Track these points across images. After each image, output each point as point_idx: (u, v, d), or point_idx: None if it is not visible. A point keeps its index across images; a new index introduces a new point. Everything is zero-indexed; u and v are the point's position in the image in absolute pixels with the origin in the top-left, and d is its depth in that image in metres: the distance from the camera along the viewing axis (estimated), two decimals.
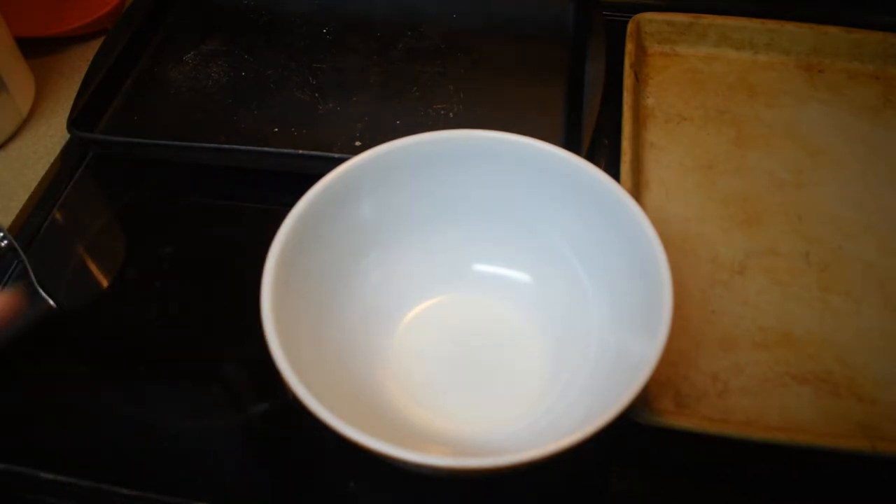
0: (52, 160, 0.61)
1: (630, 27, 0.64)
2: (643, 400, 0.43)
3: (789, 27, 0.64)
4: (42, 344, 0.50)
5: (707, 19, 0.65)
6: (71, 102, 0.60)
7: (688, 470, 0.44)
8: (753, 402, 0.46)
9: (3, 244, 0.49)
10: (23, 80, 0.64)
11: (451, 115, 0.62)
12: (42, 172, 0.60)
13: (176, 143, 0.57)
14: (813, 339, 0.48)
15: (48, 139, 0.63)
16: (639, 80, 0.63)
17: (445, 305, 0.46)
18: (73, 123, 0.58)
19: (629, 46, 0.63)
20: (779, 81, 0.64)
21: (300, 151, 0.55)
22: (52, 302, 0.45)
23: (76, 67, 0.68)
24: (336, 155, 0.52)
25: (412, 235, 0.48)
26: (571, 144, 0.57)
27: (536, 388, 0.44)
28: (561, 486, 0.43)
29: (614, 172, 0.52)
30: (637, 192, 0.54)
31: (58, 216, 0.57)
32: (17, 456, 0.44)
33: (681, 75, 0.65)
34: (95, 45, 0.66)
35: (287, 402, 0.46)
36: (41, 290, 0.46)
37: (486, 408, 0.43)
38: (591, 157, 0.57)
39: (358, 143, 0.59)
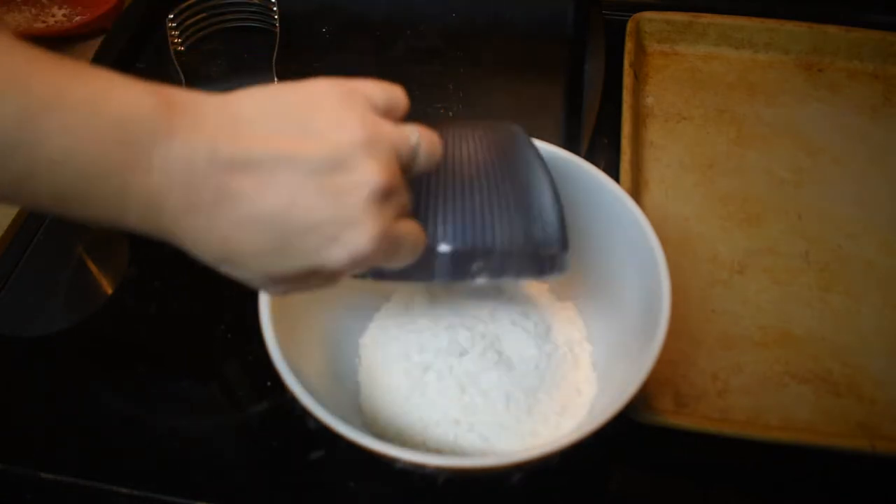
0: None
1: (629, 26, 0.64)
2: (643, 399, 0.43)
3: (789, 26, 0.64)
4: (43, 344, 0.50)
5: (706, 18, 0.65)
6: None
7: (687, 469, 0.44)
8: (753, 401, 0.46)
9: None
10: None
11: (450, 114, 0.62)
12: None
13: None
14: (812, 338, 0.48)
15: None
16: (638, 79, 0.63)
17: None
18: None
19: (629, 45, 0.63)
20: (778, 80, 0.64)
21: None
22: None
23: None
24: None
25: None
26: (571, 144, 0.57)
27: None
28: (561, 486, 0.43)
29: (614, 172, 0.52)
30: (637, 192, 0.54)
31: (57, 216, 0.57)
32: (17, 456, 0.44)
33: (680, 74, 0.65)
34: (95, 44, 0.66)
35: (287, 402, 0.46)
36: None
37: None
38: (591, 156, 0.57)
39: None
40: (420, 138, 0.33)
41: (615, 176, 0.50)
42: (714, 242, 0.53)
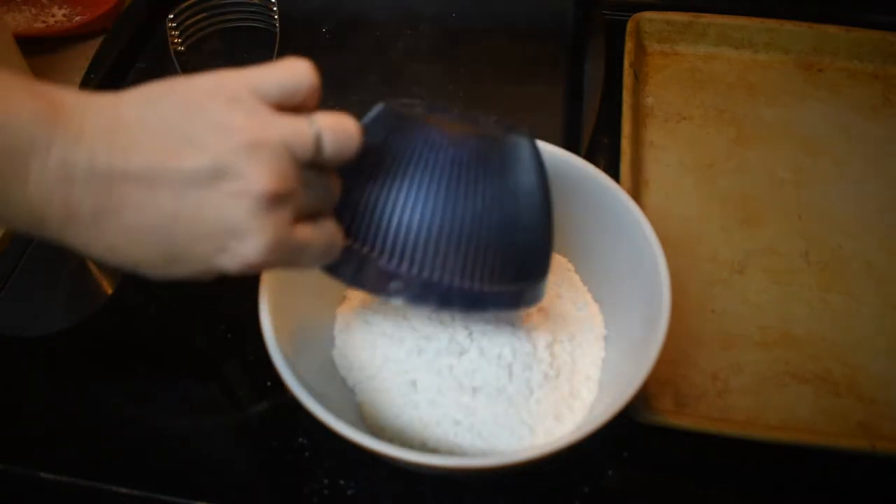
0: None
1: (630, 26, 0.64)
2: (643, 399, 0.43)
3: (789, 26, 0.64)
4: (43, 344, 0.50)
5: (706, 18, 0.65)
6: None
7: (688, 469, 0.44)
8: (753, 401, 0.46)
9: None
10: None
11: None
12: None
13: None
14: (813, 338, 0.48)
15: None
16: (638, 79, 0.63)
17: None
18: None
19: (629, 45, 0.63)
20: (778, 80, 0.64)
21: None
22: None
23: (76, 67, 0.68)
24: None
25: None
26: (571, 144, 0.57)
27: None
28: (561, 486, 0.43)
29: (614, 172, 0.52)
30: (637, 192, 0.54)
31: None
32: (17, 456, 0.44)
33: (680, 74, 0.65)
34: (95, 44, 0.66)
35: (287, 401, 0.46)
36: None
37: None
38: (591, 156, 0.57)
39: None
40: (322, 129, 0.31)
41: (615, 176, 0.50)
42: (714, 242, 0.53)
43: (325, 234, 0.32)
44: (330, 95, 0.66)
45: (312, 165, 0.31)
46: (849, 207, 0.55)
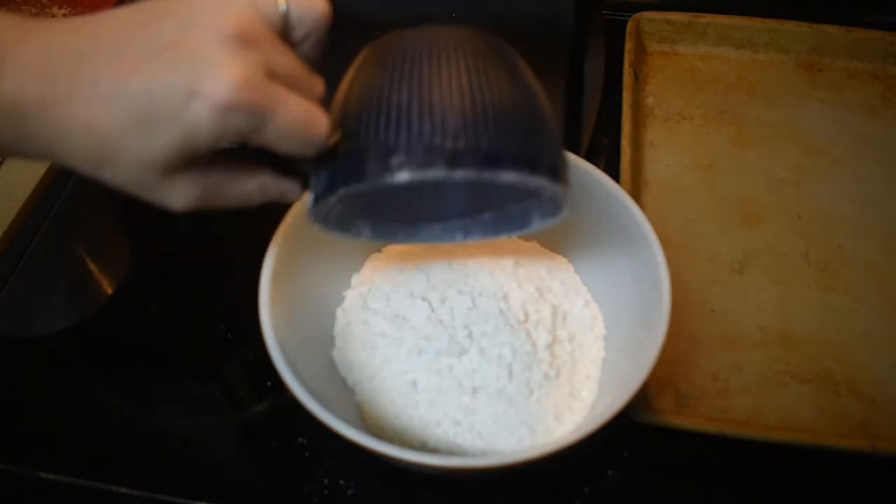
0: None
1: (630, 26, 0.64)
2: (643, 399, 0.43)
3: (789, 26, 0.64)
4: (43, 344, 0.50)
5: (706, 18, 0.65)
6: None
7: (688, 469, 0.44)
8: (753, 401, 0.46)
9: None
10: None
11: None
12: (42, 172, 0.60)
13: None
14: (813, 338, 0.48)
15: None
16: (638, 79, 0.63)
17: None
18: None
19: (629, 45, 0.63)
20: (778, 80, 0.64)
21: None
22: None
23: None
24: None
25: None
26: (571, 144, 0.57)
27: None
28: (561, 486, 0.43)
29: (614, 172, 0.52)
30: (637, 192, 0.54)
31: (57, 216, 0.57)
32: (17, 456, 0.44)
33: (680, 74, 0.65)
34: None
35: (287, 401, 0.46)
36: None
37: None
38: (591, 156, 0.57)
39: None
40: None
41: (615, 176, 0.50)
42: (714, 242, 0.53)
43: (305, 104, 0.32)
44: (330, 95, 0.66)
45: (288, 43, 0.33)
46: (849, 207, 0.55)
